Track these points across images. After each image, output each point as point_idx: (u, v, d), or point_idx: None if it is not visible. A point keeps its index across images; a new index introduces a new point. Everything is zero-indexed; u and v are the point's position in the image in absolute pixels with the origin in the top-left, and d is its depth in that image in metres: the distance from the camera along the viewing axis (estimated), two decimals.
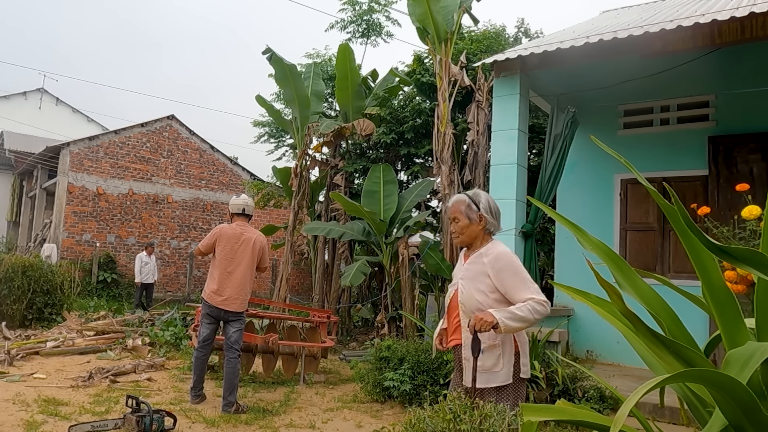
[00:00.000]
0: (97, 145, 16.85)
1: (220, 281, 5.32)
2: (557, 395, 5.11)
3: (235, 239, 5.41)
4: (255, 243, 5.46)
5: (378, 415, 5.25)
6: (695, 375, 1.62)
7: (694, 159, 7.00)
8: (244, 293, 5.40)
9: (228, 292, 5.30)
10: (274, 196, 13.73)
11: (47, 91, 26.78)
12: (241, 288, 5.35)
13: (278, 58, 9.60)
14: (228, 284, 5.31)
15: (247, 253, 5.40)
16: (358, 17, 12.72)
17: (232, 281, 5.32)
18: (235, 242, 5.39)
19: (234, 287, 5.32)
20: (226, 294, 5.30)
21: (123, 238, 17.02)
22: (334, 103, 13.41)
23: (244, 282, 5.38)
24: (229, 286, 5.31)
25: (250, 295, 5.55)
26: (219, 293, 5.30)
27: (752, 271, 1.64)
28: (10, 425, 4.39)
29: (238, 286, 5.34)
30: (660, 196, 1.78)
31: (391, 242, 8.64)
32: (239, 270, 5.35)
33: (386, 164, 9.62)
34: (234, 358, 5.27)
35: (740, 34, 5.01)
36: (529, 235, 6.26)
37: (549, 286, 8.22)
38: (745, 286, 2.93)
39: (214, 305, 5.30)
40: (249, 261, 5.41)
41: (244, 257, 5.39)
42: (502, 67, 6.37)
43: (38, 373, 6.30)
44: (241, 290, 5.36)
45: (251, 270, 5.44)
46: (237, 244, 5.39)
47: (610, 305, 1.94)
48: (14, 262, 9.44)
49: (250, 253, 5.41)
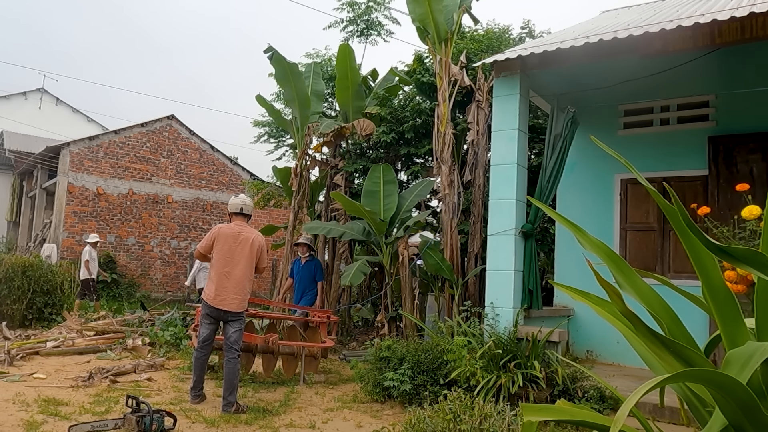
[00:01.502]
0: (97, 145, 16.86)
1: (218, 281, 5.31)
2: (557, 395, 5.11)
3: (233, 239, 5.39)
4: (253, 242, 5.44)
5: (378, 415, 5.25)
6: (695, 375, 1.62)
7: (694, 159, 7.00)
8: (243, 293, 5.39)
9: (227, 292, 5.29)
10: (274, 196, 13.73)
11: (47, 91, 26.79)
12: (239, 288, 5.34)
13: (280, 57, 9.60)
14: (226, 284, 5.30)
15: (246, 253, 5.39)
16: (357, 17, 12.71)
17: (231, 281, 5.31)
18: (233, 242, 5.38)
19: (232, 287, 5.31)
20: (225, 294, 5.29)
21: (123, 238, 17.03)
22: (334, 103, 13.40)
23: (243, 282, 5.37)
24: (227, 286, 5.30)
25: (249, 295, 5.55)
26: (218, 293, 5.29)
27: (752, 271, 1.64)
28: (10, 425, 4.39)
29: (237, 285, 5.33)
30: (660, 196, 1.78)
31: (391, 242, 8.64)
32: (237, 270, 5.34)
33: (386, 164, 9.61)
34: (234, 359, 5.27)
35: (740, 34, 5.01)
36: (529, 235, 6.26)
37: (549, 286, 8.21)
38: (745, 286, 2.93)
39: (213, 305, 5.29)
40: (247, 261, 5.39)
41: (242, 257, 5.37)
42: (502, 67, 6.37)
43: (38, 373, 6.30)
44: (240, 290, 5.35)
45: (250, 270, 5.43)
46: (235, 244, 5.38)
47: (610, 305, 1.94)
48: (14, 262, 9.44)
49: (248, 252, 5.40)
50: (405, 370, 5.51)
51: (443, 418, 3.51)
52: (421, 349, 5.71)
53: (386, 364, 5.70)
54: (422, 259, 8.01)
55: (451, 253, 7.67)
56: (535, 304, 6.28)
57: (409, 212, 8.97)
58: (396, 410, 5.40)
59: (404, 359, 5.61)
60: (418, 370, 5.51)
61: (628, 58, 5.88)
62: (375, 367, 5.81)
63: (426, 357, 5.58)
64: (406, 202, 8.95)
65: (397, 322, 8.68)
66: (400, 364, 5.61)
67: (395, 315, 8.68)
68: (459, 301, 7.42)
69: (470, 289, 7.87)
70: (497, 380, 5.09)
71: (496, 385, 5.06)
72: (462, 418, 3.45)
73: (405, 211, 8.86)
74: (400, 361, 5.62)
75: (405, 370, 5.51)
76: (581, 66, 6.30)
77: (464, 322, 6.05)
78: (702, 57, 5.77)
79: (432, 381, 5.43)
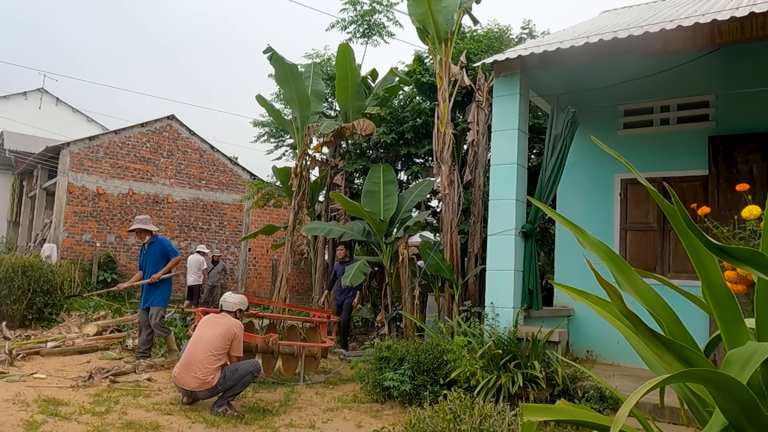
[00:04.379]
0: (97, 145, 16.86)
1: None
2: (557, 395, 5.11)
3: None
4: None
5: (378, 415, 5.25)
6: (695, 375, 1.62)
7: (694, 159, 7.00)
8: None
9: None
10: (274, 196, 13.74)
11: (47, 91, 26.79)
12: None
13: (279, 57, 9.60)
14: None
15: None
16: (360, 17, 12.72)
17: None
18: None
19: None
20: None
21: (123, 238, 17.03)
22: (334, 103, 13.41)
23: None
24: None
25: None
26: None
27: (752, 271, 1.64)
28: (10, 425, 4.39)
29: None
30: (660, 196, 1.78)
31: (391, 242, 8.64)
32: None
33: (386, 164, 9.62)
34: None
35: (740, 34, 5.01)
36: (529, 235, 6.26)
37: (549, 286, 8.21)
38: (745, 286, 2.93)
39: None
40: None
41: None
42: (502, 67, 6.36)
43: (38, 373, 6.30)
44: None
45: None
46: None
47: (610, 305, 1.94)
48: (14, 262, 9.43)
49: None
50: (405, 370, 5.51)
51: (443, 418, 3.51)
52: (421, 349, 5.71)
53: (386, 364, 5.69)
54: (422, 259, 8.02)
55: (451, 253, 7.67)
56: (535, 304, 6.28)
57: (409, 212, 8.98)
58: (396, 410, 5.40)
59: (404, 359, 5.61)
60: (418, 370, 5.51)
61: (628, 58, 5.88)
62: (375, 367, 5.81)
63: (426, 357, 5.58)
64: (406, 202, 8.96)
65: (397, 322, 8.68)
66: (400, 364, 5.61)
67: (395, 315, 8.68)
68: (459, 301, 7.42)
69: (470, 289, 7.87)
70: (497, 380, 5.09)
71: (496, 385, 5.06)
72: (462, 418, 3.45)
73: (405, 211, 8.86)
74: (400, 361, 5.62)
75: (405, 370, 5.51)
76: (581, 66, 6.30)
77: (464, 322, 6.05)
78: (702, 57, 5.77)
79: (432, 381, 5.43)
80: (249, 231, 18.86)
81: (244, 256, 19.49)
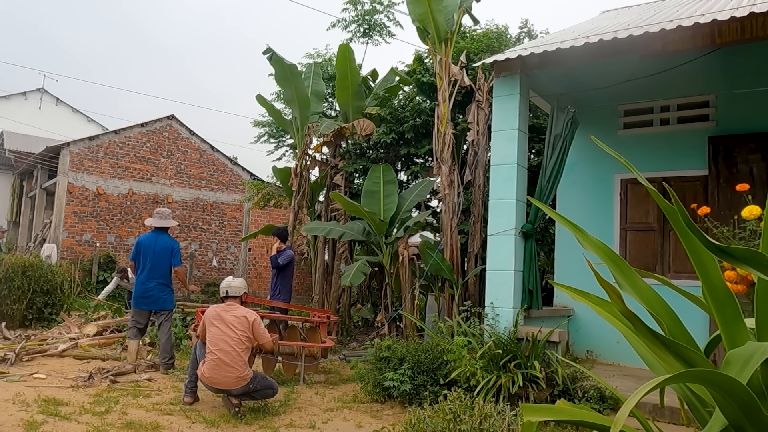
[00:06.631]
0: (97, 145, 16.85)
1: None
2: (557, 395, 5.11)
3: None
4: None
5: (378, 415, 5.25)
6: (695, 375, 1.62)
7: (694, 159, 7.00)
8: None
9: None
10: (274, 196, 13.73)
11: (47, 91, 26.78)
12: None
13: (279, 57, 9.61)
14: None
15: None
16: (360, 17, 12.72)
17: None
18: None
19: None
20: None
21: (123, 238, 17.02)
22: (334, 103, 13.41)
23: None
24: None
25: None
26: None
27: (752, 271, 1.64)
28: (10, 425, 4.39)
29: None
30: (660, 196, 1.78)
31: (391, 242, 8.64)
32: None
33: (386, 164, 9.61)
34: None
35: (740, 34, 5.01)
36: (529, 235, 6.26)
37: (549, 286, 8.21)
38: (745, 286, 2.93)
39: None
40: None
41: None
42: (502, 67, 6.37)
43: (38, 373, 6.30)
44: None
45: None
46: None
47: (610, 305, 1.94)
48: (14, 262, 9.43)
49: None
50: (405, 370, 5.51)
51: (443, 418, 3.51)
52: (421, 349, 5.70)
53: (386, 364, 5.69)
54: (422, 259, 8.02)
55: (451, 253, 7.67)
56: (535, 304, 6.28)
57: (409, 212, 8.98)
58: (396, 410, 5.40)
59: (404, 359, 5.60)
60: (418, 370, 5.51)
61: (628, 58, 5.88)
62: (375, 367, 5.81)
63: (426, 357, 5.58)
64: (406, 203, 8.96)
65: (397, 322, 8.68)
66: (400, 364, 5.61)
67: (395, 315, 8.68)
68: (459, 301, 7.42)
69: (470, 289, 7.87)
70: (497, 380, 5.09)
71: (496, 385, 5.06)
72: (462, 418, 3.45)
73: (405, 212, 8.86)
74: (400, 361, 5.62)
75: (405, 370, 5.51)
76: (581, 66, 6.30)
77: (464, 322, 6.05)
78: (702, 57, 5.77)
79: (432, 381, 5.43)
80: (249, 231, 18.86)
81: (244, 256, 19.48)
